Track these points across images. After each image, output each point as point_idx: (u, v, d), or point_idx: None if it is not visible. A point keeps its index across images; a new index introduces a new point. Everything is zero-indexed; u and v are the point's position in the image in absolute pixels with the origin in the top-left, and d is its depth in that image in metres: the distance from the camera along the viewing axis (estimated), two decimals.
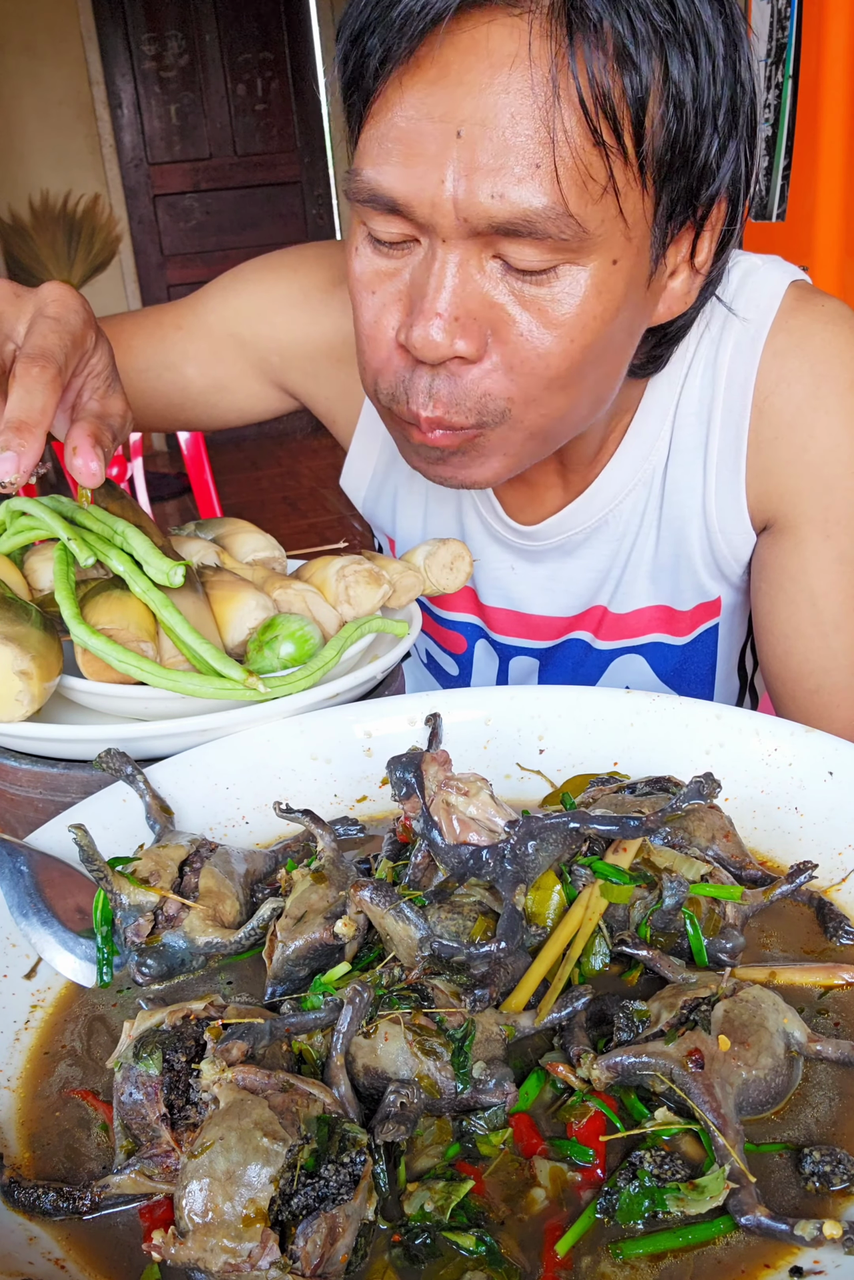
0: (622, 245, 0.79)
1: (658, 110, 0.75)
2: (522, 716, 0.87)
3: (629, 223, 0.78)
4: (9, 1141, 0.57)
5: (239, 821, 0.82)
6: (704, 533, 1.06)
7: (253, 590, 0.91)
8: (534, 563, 1.14)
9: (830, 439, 0.98)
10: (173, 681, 0.82)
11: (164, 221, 7.10)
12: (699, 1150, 0.52)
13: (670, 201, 0.80)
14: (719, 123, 0.78)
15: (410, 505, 1.21)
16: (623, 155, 0.75)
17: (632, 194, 0.77)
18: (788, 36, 3.22)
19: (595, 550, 1.11)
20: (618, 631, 1.16)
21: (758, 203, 3.40)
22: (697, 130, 0.77)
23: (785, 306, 0.99)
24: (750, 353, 0.99)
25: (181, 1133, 0.53)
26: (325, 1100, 0.52)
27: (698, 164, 0.79)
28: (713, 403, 1.02)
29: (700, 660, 1.17)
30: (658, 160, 0.77)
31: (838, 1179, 0.50)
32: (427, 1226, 0.49)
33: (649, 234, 0.81)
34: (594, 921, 0.63)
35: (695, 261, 0.88)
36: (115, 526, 0.88)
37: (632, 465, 1.06)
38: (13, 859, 0.71)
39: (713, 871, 0.66)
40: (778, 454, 1.00)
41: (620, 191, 0.76)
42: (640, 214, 0.79)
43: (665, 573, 1.10)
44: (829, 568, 1.00)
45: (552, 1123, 0.55)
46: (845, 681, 1.01)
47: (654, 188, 0.78)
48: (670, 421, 1.04)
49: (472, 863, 0.62)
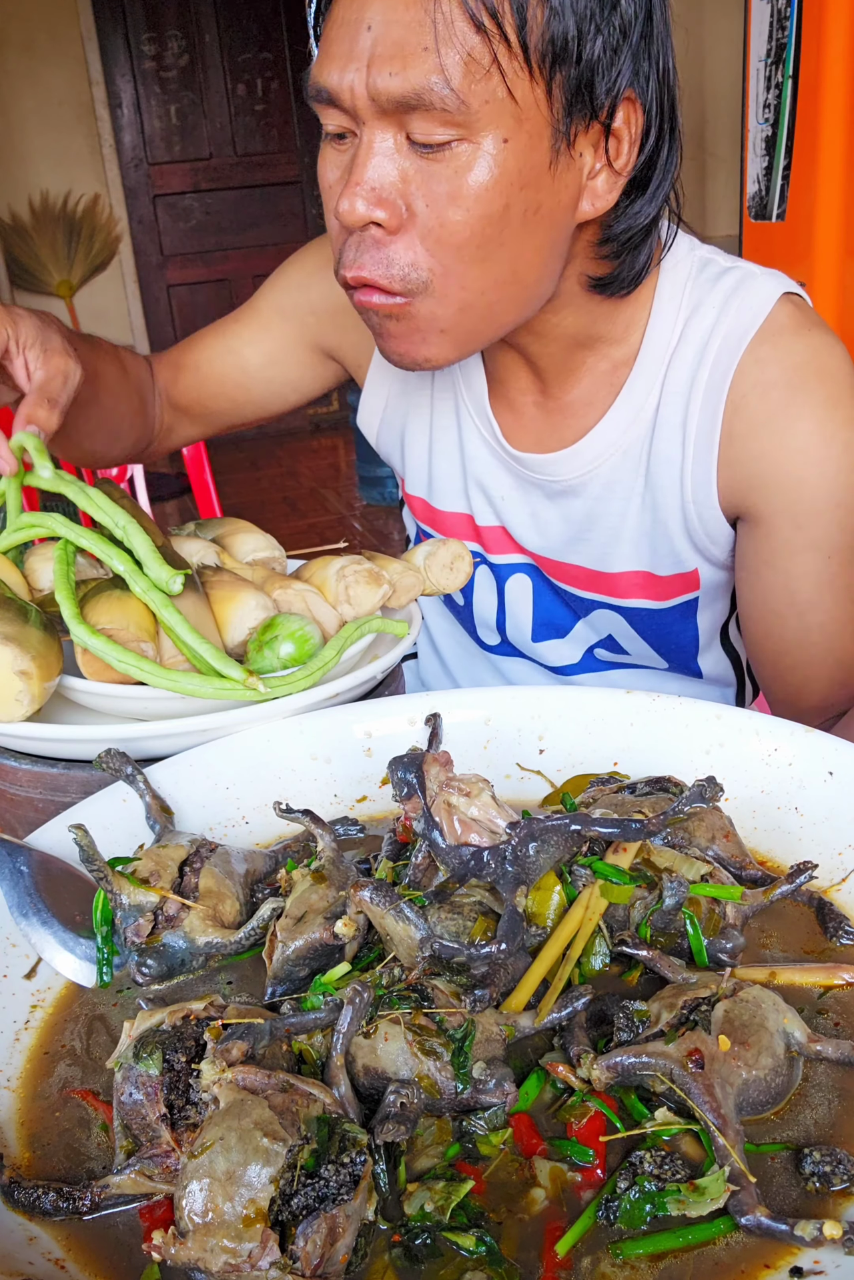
0: (511, 125, 0.88)
1: (537, 6, 0.85)
2: (522, 716, 0.87)
3: (521, 106, 0.88)
4: (9, 1141, 0.57)
5: (239, 821, 0.82)
6: (680, 504, 1.12)
7: (253, 590, 0.91)
8: (522, 493, 1.21)
9: (802, 439, 1.04)
10: (173, 681, 0.82)
11: (164, 221, 7.10)
12: (699, 1150, 0.52)
13: (563, 94, 0.89)
14: (600, 24, 0.88)
15: (417, 433, 1.29)
16: (506, 42, 0.85)
17: (520, 80, 0.87)
18: (788, 36, 3.22)
19: (573, 504, 1.18)
20: (601, 588, 1.22)
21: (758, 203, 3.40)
22: (577, 26, 0.87)
23: (776, 321, 1.05)
24: (734, 349, 1.05)
25: (181, 1133, 0.53)
26: (325, 1100, 0.52)
27: (584, 59, 0.88)
28: (694, 385, 1.07)
29: (679, 629, 1.23)
30: (540, 51, 0.86)
31: (838, 1179, 0.50)
32: (427, 1226, 0.49)
33: (546, 122, 0.90)
34: (594, 922, 0.63)
35: (616, 165, 0.95)
36: (117, 520, 0.88)
37: (618, 429, 1.12)
38: (13, 859, 0.71)
39: (713, 871, 0.66)
40: (749, 448, 1.06)
41: (506, 74, 0.86)
42: (532, 101, 0.88)
43: (645, 538, 1.16)
44: (802, 554, 1.06)
45: (552, 1123, 0.55)
46: (821, 656, 1.08)
47: (543, 77, 0.88)
48: (657, 394, 1.10)
49: (472, 864, 0.62)
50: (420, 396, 1.28)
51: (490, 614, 1.33)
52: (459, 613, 1.39)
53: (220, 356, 1.37)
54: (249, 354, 1.36)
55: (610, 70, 0.90)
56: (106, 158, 6.75)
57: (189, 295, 7.17)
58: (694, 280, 1.09)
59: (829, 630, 1.07)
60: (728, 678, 1.30)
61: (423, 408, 1.28)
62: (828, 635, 1.07)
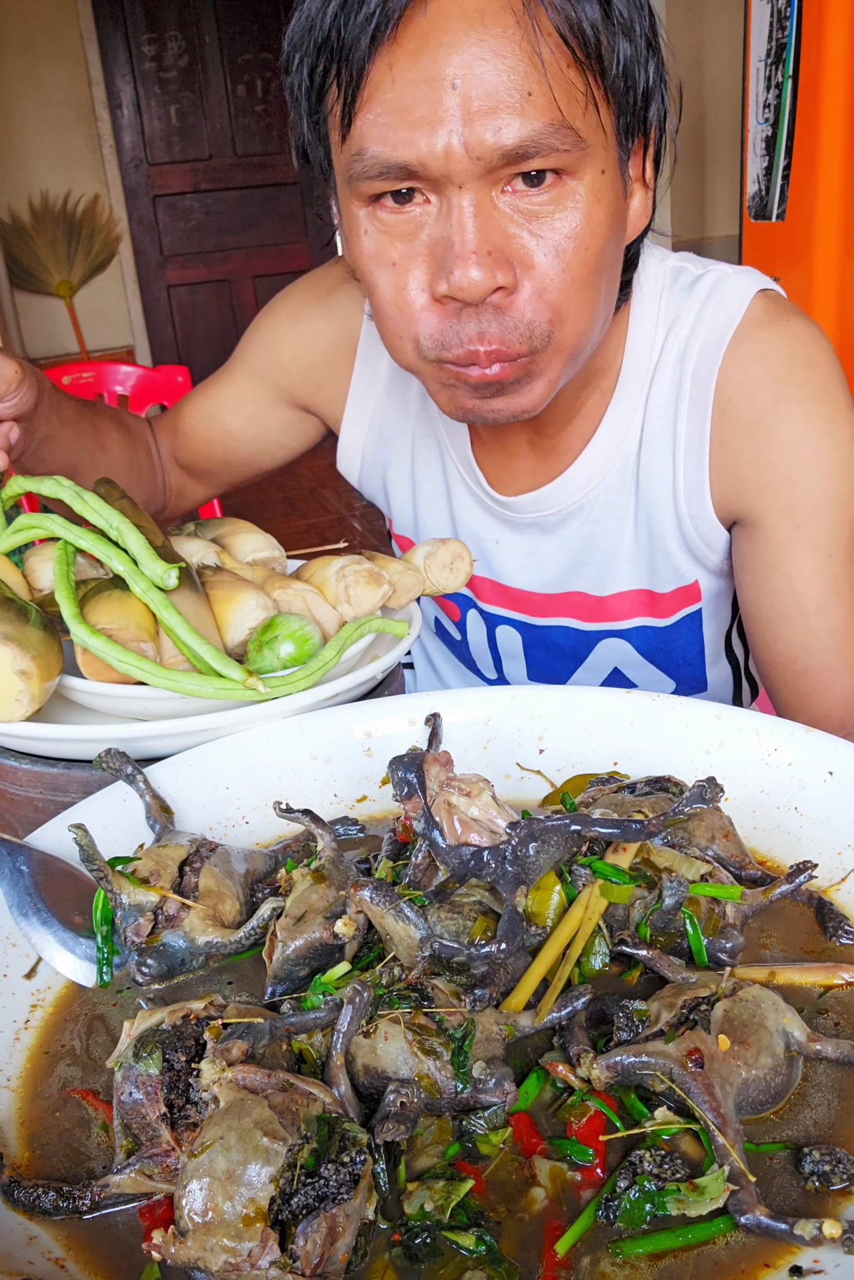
0: (605, 156, 0.88)
1: (610, 29, 0.84)
2: (522, 716, 0.87)
3: (607, 133, 0.87)
4: (9, 1141, 0.57)
5: (239, 821, 0.82)
6: (675, 519, 1.11)
7: (253, 590, 0.91)
8: (516, 534, 1.20)
9: (792, 439, 1.03)
10: (173, 681, 0.82)
11: (164, 222, 7.09)
12: (699, 1150, 0.52)
13: (626, 118, 0.89)
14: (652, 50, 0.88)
15: (399, 483, 1.28)
16: (595, 72, 0.84)
17: (604, 109, 0.86)
18: (788, 36, 3.22)
19: (572, 532, 1.16)
20: (601, 614, 1.20)
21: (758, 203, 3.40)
22: (636, 49, 0.87)
23: (752, 316, 1.04)
24: (714, 354, 1.04)
25: (181, 1132, 0.53)
26: (325, 1100, 0.52)
27: (640, 81, 0.88)
28: (679, 398, 1.07)
29: (686, 643, 1.21)
30: (613, 77, 0.86)
31: (838, 1178, 0.50)
32: (426, 1226, 0.49)
33: (616, 143, 0.89)
34: (594, 921, 0.63)
35: (645, 179, 0.96)
36: (110, 520, 0.88)
37: (606, 452, 1.11)
38: (13, 859, 0.71)
39: (713, 871, 0.66)
40: (741, 452, 1.05)
41: (598, 105, 0.85)
42: (610, 128, 0.88)
43: (644, 556, 1.15)
44: (803, 555, 1.04)
45: (552, 1122, 0.55)
46: (831, 661, 1.05)
47: (614, 104, 0.87)
48: (642, 412, 1.09)
49: (473, 863, 0.62)
50: (400, 446, 1.25)
51: (485, 654, 1.32)
52: (456, 647, 1.38)
53: (204, 422, 1.36)
54: (230, 419, 1.34)
55: (656, 93, 0.90)
56: (106, 158, 6.75)
57: (189, 295, 7.17)
58: (669, 291, 1.08)
59: (839, 634, 1.04)
60: (729, 684, 1.30)
61: (404, 457, 1.26)
62: (838, 640, 1.04)
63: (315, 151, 0.95)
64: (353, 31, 0.82)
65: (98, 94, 6.61)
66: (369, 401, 1.26)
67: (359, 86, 0.84)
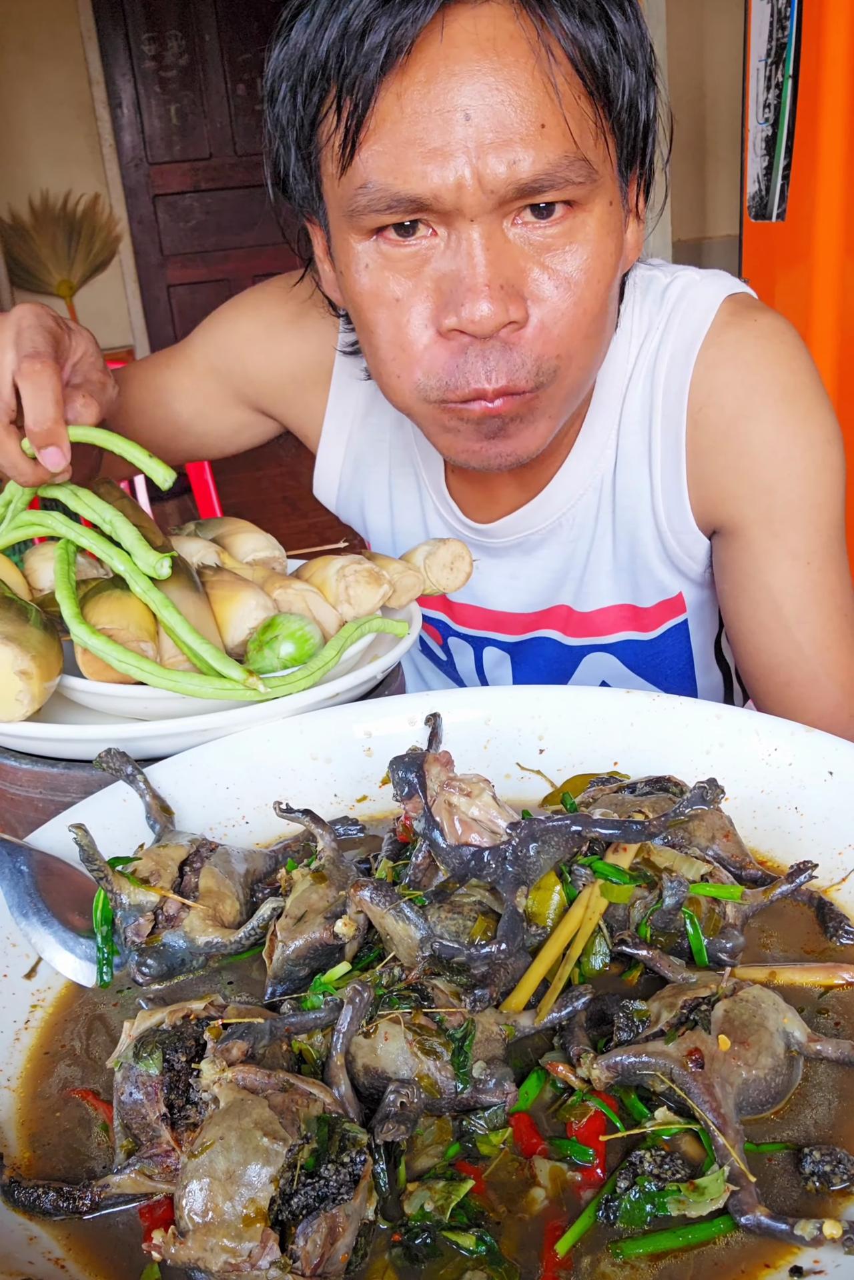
0: (612, 188, 0.87)
1: (615, 60, 0.83)
2: (522, 716, 0.87)
3: (612, 165, 0.87)
4: (9, 1141, 0.57)
5: (239, 821, 0.82)
6: (656, 534, 1.10)
7: (253, 590, 0.91)
8: (495, 559, 1.19)
9: (765, 445, 1.01)
10: (173, 681, 0.82)
11: (164, 221, 7.10)
12: (699, 1150, 0.52)
13: (627, 149, 0.89)
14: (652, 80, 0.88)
15: (377, 512, 1.27)
16: (603, 103, 0.83)
17: (610, 140, 0.85)
18: (788, 36, 3.22)
19: (552, 551, 1.15)
20: (585, 629, 1.19)
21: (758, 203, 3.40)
22: (637, 80, 0.86)
23: (719, 321, 1.03)
24: (684, 364, 1.03)
25: (181, 1132, 0.53)
26: (325, 1100, 0.51)
27: (641, 111, 0.88)
28: (653, 412, 1.05)
29: (673, 654, 1.20)
30: (618, 108, 0.85)
31: (838, 1179, 0.50)
32: (427, 1226, 0.49)
33: (616, 180, 0.89)
34: (594, 921, 0.63)
35: (638, 209, 0.95)
36: (103, 515, 0.88)
37: (582, 472, 1.10)
38: (13, 859, 0.71)
39: (713, 871, 0.66)
40: (716, 462, 1.03)
41: (606, 136, 0.84)
42: (614, 161, 0.87)
43: (625, 572, 1.14)
44: (782, 564, 1.03)
45: (552, 1122, 0.55)
46: (814, 673, 1.04)
47: (617, 135, 0.86)
48: (615, 430, 1.08)
49: (473, 864, 0.62)
50: (377, 476, 1.24)
51: (472, 676, 1.31)
52: (443, 667, 1.37)
53: (151, 405, 1.31)
54: (179, 409, 1.30)
55: (654, 123, 0.90)
56: (106, 157, 6.75)
57: (189, 295, 7.17)
58: (641, 304, 1.06)
59: (821, 644, 1.03)
60: (719, 690, 1.29)
61: (381, 484, 1.25)
62: (820, 649, 1.03)
63: (301, 184, 0.92)
64: (359, 61, 0.79)
65: (98, 93, 6.61)
66: (344, 431, 1.25)
67: (364, 117, 0.81)
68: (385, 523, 1.26)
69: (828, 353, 3.02)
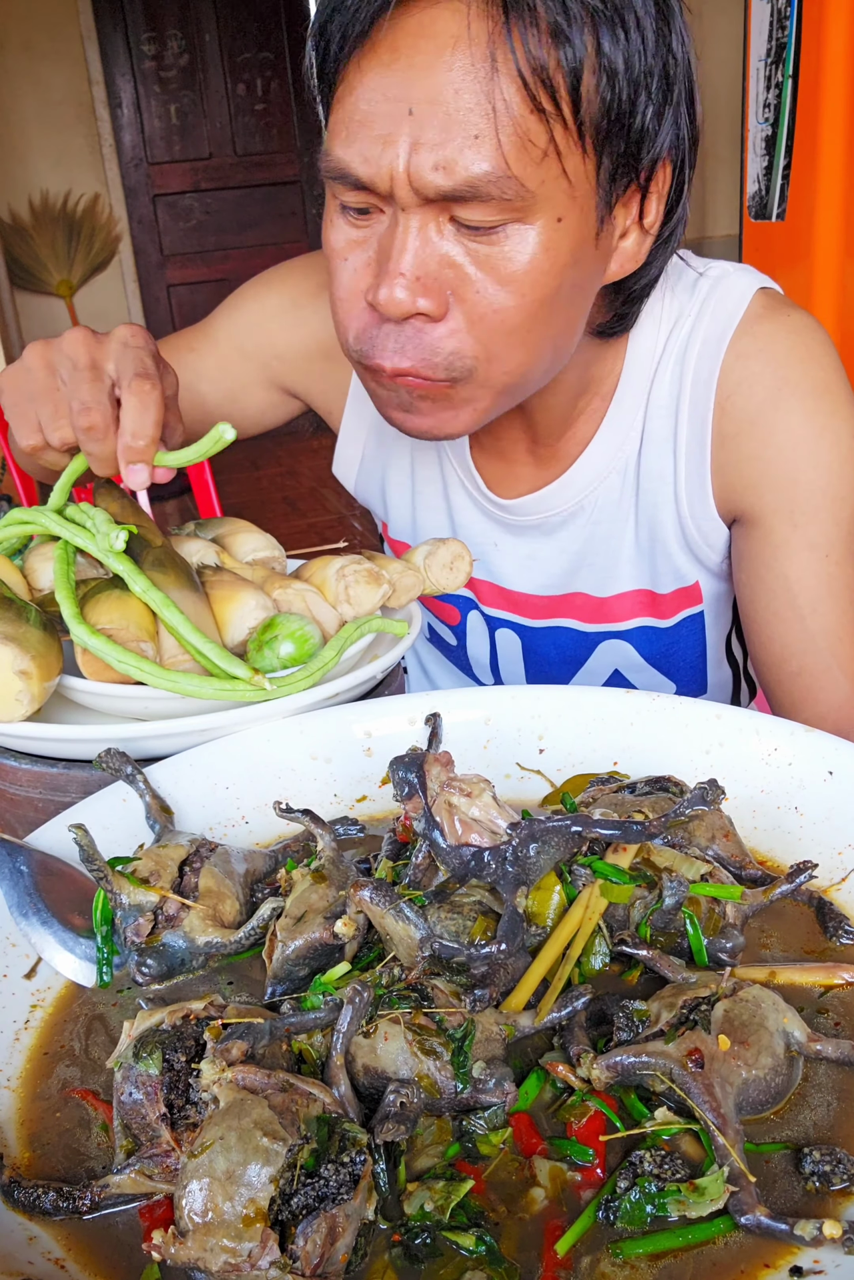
0: (565, 204, 0.85)
1: (592, 80, 0.82)
2: (522, 716, 0.87)
3: (573, 182, 0.85)
4: (9, 1141, 0.57)
5: (239, 821, 0.82)
6: (677, 519, 1.10)
7: (253, 590, 0.91)
8: (516, 537, 1.19)
9: (791, 435, 1.02)
10: (173, 681, 0.82)
11: (164, 221, 7.10)
12: (699, 1150, 0.52)
13: (611, 164, 0.87)
14: (652, 91, 0.86)
15: (398, 485, 1.27)
16: (562, 121, 0.82)
17: (573, 156, 0.84)
18: (788, 36, 3.22)
19: (573, 533, 1.16)
20: (603, 615, 1.20)
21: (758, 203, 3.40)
22: (630, 98, 0.84)
23: (751, 312, 1.04)
24: (715, 352, 1.04)
25: (181, 1133, 0.53)
26: (325, 1100, 0.51)
27: (634, 129, 0.86)
28: (680, 397, 1.06)
29: (687, 645, 1.20)
30: (595, 125, 0.84)
31: (838, 1179, 0.50)
32: (427, 1226, 0.49)
33: (593, 194, 0.87)
34: (594, 921, 0.63)
35: (645, 223, 0.94)
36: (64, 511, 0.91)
37: (607, 453, 1.11)
38: (13, 859, 0.71)
39: (713, 871, 0.66)
40: (741, 449, 1.04)
41: (562, 153, 0.83)
42: (583, 175, 0.85)
43: (644, 557, 1.14)
44: (800, 554, 1.04)
45: (552, 1122, 0.55)
46: (826, 663, 1.05)
47: (594, 151, 0.85)
48: (642, 412, 1.09)
49: (473, 864, 0.62)
50: (400, 447, 1.25)
51: (484, 656, 1.31)
52: (451, 652, 1.37)
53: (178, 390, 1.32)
54: (206, 389, 1.30)
55: (657, 137, 0.88)
56: (106, 157, 6.75)
57: (189, 295, 7.17)
58: (672, 291, 1.07)
59: (834, 636, 1.04)
60: (728, 686, 1.29)
61: (403, 458, 1.25)
62: (833, 641, 1.04)
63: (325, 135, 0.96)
64: (335, 29, 0.84)
65: (98, 93, 6.62)
66: (368, 404, 1.25)
67: (334, 83, 0.86)
68: (406, 499, 1.26)
69: None
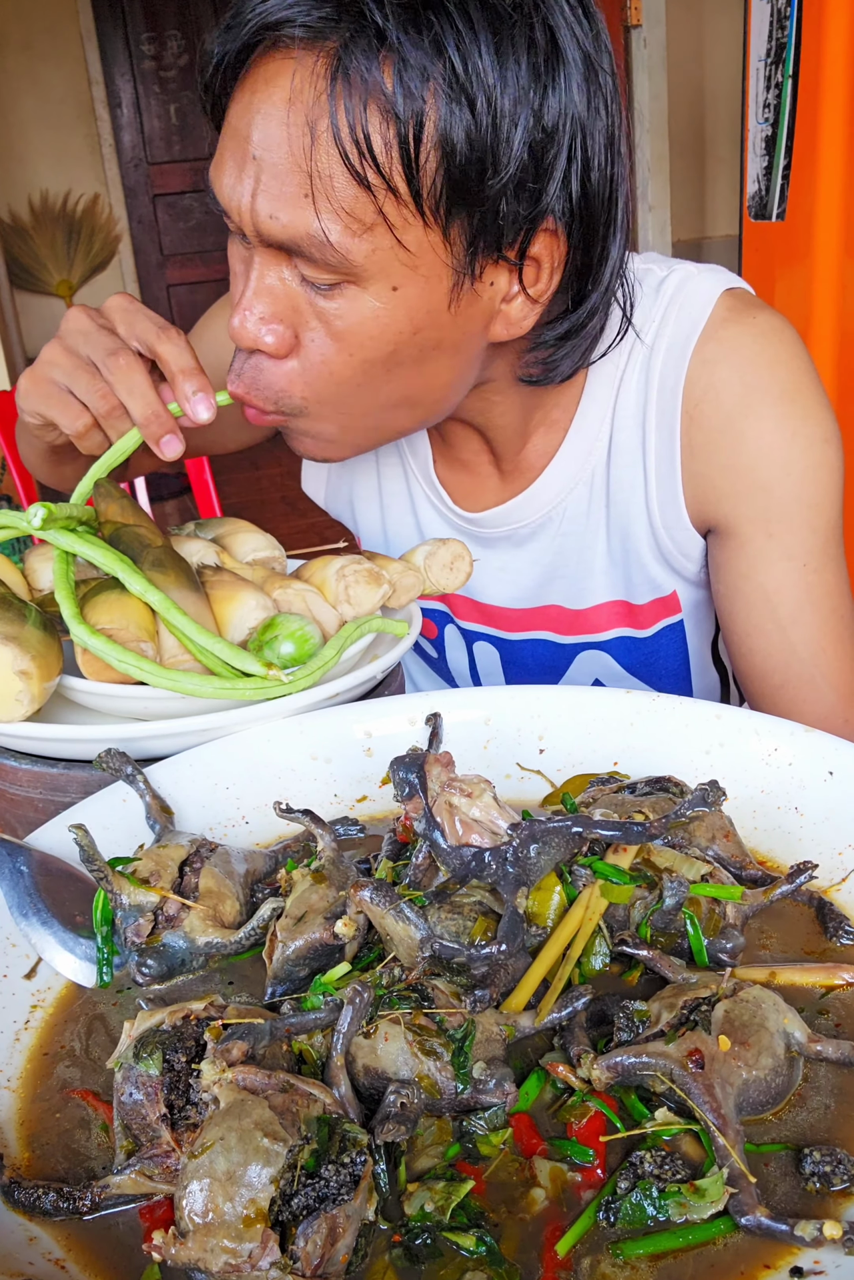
0: (403, 273, 0.83)
1: (432, 154, 0.78)
2: (522, 716, 0.87)
3: (414, 251, 0.82)
4: (9, 1141, 0.57)
5: (239, 821, 0.82)
6: (649, 530, 1.08)
7: (253, 590, 0.91)
8: (486, 549, 1.18)
9: (762, 443, 1.00)
10: (173, 681, 0.82)
11: (164, 221, 7.10)
12: (699, 1150, 0.52)
13: (466, 235, 0.83)
14: (508, 160, 0.80)
15: (366, 499, 1.26)
16: (394, 194, 0.79)
17: (412, 229, 0.81)
18: (788, 36, 3.22)
19: (543, 545, 1.14)
20: (579, 627, 1.18)
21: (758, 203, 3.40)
22: (478, 173, 0.79)
23: (716, 316, 1.01)
24: (680, 358, 1.01)
25: (181, 1133, 0.53)
26: (325, 1100, 0.51)
27: (489, 200, 0.81)
28: (647, 406, 1.04)
29: (668, 654, 1.19)
30: (435, 198, 0.80)
31: (838, 1179, 0.50)
32: (427, 1226, 0.49)
33: (443, 262, 0.84)
34: (594, 922, 0.63)
35: (532, 290, 0.89)
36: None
37: (573, 465, 1.09)
38: (13, 859, 0.71)
39: (713, 871, 0.66)
40: (711, 459, 1.02)
41: (395, 226, 0.80)
42: (426, 245, 0.83)
43: (618, 568, 1.13)
44: (777, 565, 1.02)
45: (552, 1123, 0.55)
46: (809, 675, 1.03)
47: (437, 223, 0.82)
48: (609, 423, 1.07)
49: (473, 864, 0.62)
50: (365, 464, 1.24)
51: (464, 668, 1.30)
52: (433, 664, 1.36)
53: None
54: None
55: (520, 206, 0.82)
56: (106, 157, 6.76)
57: (189, 295, 7.18)
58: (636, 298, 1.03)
59: (816, 647, 1.02)
60: (715, 691, 1.28)
61: (369, 475, 1.24)
62: (815, 652, 1.02)
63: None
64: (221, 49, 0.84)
65: (97, 93, 6.62)
66: None
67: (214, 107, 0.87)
68: (375, 514, 1.26)
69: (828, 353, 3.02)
